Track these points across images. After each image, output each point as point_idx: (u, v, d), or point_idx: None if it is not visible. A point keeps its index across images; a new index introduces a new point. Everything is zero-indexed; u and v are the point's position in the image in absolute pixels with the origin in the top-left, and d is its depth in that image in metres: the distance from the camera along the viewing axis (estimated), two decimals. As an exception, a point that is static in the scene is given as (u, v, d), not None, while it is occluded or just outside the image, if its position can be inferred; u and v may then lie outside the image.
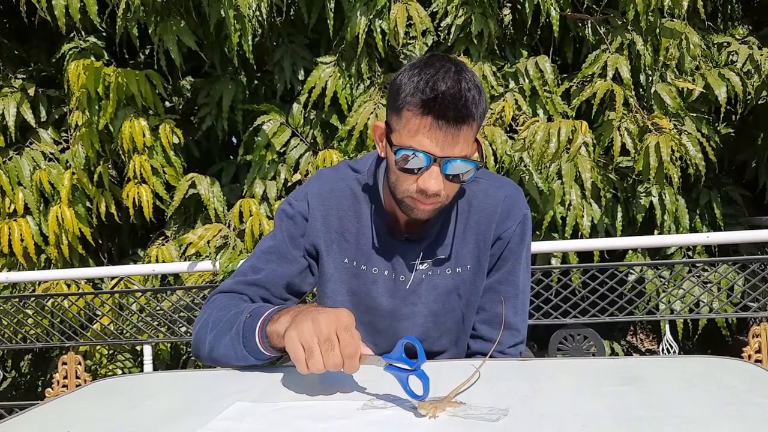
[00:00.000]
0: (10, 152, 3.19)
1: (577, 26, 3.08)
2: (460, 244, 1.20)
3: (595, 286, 2.47)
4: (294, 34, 3.23)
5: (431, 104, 0.99)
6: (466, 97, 1.00)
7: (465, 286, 1.21)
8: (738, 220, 3.17)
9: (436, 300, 1.21)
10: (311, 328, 0.85)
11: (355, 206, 1.22)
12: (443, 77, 1.00)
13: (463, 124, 1.01)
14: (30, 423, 0.83)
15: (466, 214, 1.20)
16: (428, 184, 1.03)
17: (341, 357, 0.84)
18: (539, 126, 2.62)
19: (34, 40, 3.56)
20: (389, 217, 1.21)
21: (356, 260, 1.21)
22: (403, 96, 1.03)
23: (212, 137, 3.40)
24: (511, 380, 0.90)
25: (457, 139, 1.01)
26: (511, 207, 1.20)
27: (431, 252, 1.20)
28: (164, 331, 2.69)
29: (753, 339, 2.41)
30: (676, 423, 0.69)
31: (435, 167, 1.02)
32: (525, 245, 1.22)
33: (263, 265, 1.19)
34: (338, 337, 0.85)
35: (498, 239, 1.20)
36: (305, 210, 1.22)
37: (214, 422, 0.76)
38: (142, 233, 3.49)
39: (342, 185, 1.23)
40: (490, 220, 1.19)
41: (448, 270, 1.20)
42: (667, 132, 2.70)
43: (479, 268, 1.20)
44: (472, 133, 1.04)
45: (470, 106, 1.00)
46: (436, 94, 0.99)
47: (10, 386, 3.74)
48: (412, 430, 0.70)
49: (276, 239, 1.22)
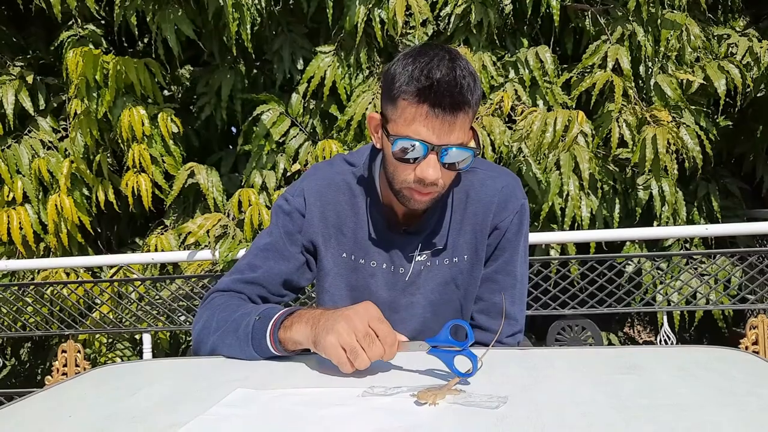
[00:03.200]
0: (9, 140, 3.18)
1: (577, 17, 3.07)
2: (458, 234, 1.20)
3: (594, 278, 2.47)
4: (293, 23, 3.21)
5: (427, 92, 0.99)
6: (461, 84, 1.00)
7: (462, 276, 1.21)
8: (736, 212, 3.17)
9: (434, 291, 1.21)
10: (347, 329, 0.87)
11: (352, 200, 1.21)
12: (438, 65, 1.00)
13: (459, 111, 1.00)
14: (30, 409, 0.83)
15: (463, 205, 1.20)
16: (426, 173, 1.03)
17: (383, 347, 0.87)
18: (536, 116, 2.62)
19: (33, 28, 3.54)
20: (386, 210, 1.21)
21: (354, 254, 1.21)
22: (398, 85, 1.02)
23: (211, 127, 3.39)
24: (510, 369, 0.90)
25: (454, 127, 1.01)
26: (509, 197, 1.20)
27: (429, 243, 1.20)
28: (163, 320, 2.69)
29: (750, 331, 2.42)
30: (675, 411, 0.69)
31: (432, 156, 1.02)
32: (522, 235, 1.22)
33: (260, 263, 1.19)
34: (374, 329, 0.88)
35: (495, 229, 1.20)
36: (302, 206, 1.21)
37: (215, 408, 0.77)
38: (141, 222, 3.49)
39: (338, 180, 1.22)
40: (487, 210, 1.19)
41: (446, 260, 1.21)
42: (664, 124, 2.70)
43: (476, 258, 1.21)
44: (468, 121, 1.03)
45: (466, 93, 1.00)
46: (432, 82, 0.99)
47: (10, 374, 3.75)
48: (412, 417, 0.71)
49: (273, 236, 1.21)
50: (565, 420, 0.68)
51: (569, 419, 0.68)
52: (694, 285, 2.68)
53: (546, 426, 0.67)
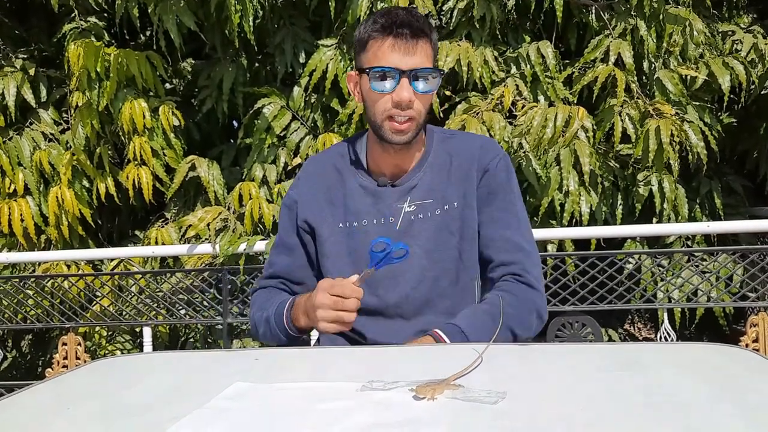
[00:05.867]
0: (10, 132, 3.18)
1: (581, 12, 3.05)
2: (446, 185, 1.28)
3: (594, 274, 2.47)
4: (295, 16, 3.20)
5: (389, 27, 1.18)
6: (418, 17, 1.21)
7: (455, 222, 1.26)
8: (738, 210, 3.16)
9: (429, 239, 1.26)
10: (322, 312, 1.12)
11: (340, 174, 1.32)
12: (395, 9, 1.23)
13: (420, 38, 1.18)
14: (30, 401, 0.83)
15: (447, 165, 1.29)
16: (401, 95, 1.17)
17: (352, 296, 1.10)
18: (536, 111, 2.61)
19: (34, 20, 3.54)
20: (374, 174, 1.31)
21: (348, 221, 1.29)
22: (364, 30, 1.22)
23: (212, 120, 3.38)
24: (510, 364, 0.90)
25: (416, 50, 1.18)
26: (489, 147, 1.31)
27: (417, 195, 1.28)
28: (164, 314, 2.70)
29: (751, 328, 2.42)
30: (674, 408, 0.69)
31: (404, 80, 1.17)
32: (513, 180, 1.31)
33: (275, 259, 1.37)
34: (334, 294, 1.11)
35: (485, 172, 1.27)
36: (296, 194, 1.35)
37: (213, 402, 0.76)
38: (142, 215, 3.49)
39: (327, 161, 1.36)
40: (471, 160, 1.28)
41: (437, 210, 1.27)
42: (668, 117, 2.68)
43: (466, 202, 1.26)
44: (428, 50, 1.20)
45: (423, 26, 1.20)
46: (392, 19, 1.19)
47: (11, 366, 3.76)
48: (411, 412, 0.71)
49: (281, 232, 1.37)
50: (565, 416, 0.68)
51: (568, 415, 0.68)
52: (695, 282, 2.67)
53: (545, 422, 0.66)
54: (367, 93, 1.23)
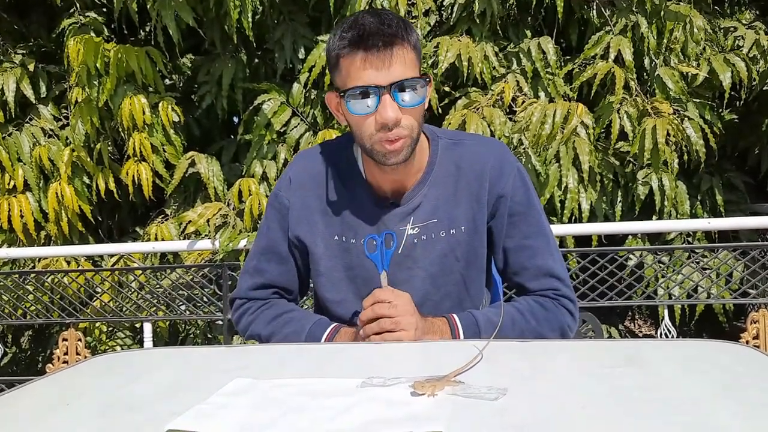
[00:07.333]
0: (10, 128, 3.17)
1: (582, 8, 3.04)
2: (452, 205, 1.19)
3: (595, 271, 2.47)
4: (295, 12, 3.19)
5: (357, 40, 1.04)
6: (388, 23, 1.05)
7: (461, 247, 1.19)
8: (739, 206, 3.16)
9: (432, 263, 1.19)
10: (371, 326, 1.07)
11: (336, 184, 1.22)
12: (362, 17, 1.07)
13: (394, 45, 1.04)
14: (30, 396, 0.83)
15: (455, 177, 1.19)
16: (386, 115, 1.04)
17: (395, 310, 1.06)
18: (536, 107, 2.61)
19: (34, 15, 3.53)
20: (373, 188, 1.21)
21: (345, 235, 1.21)
22: (333, 48, 1.08)
23: (212, 116, 3.38)
24: (510, 361, 0.90)
25: (392, 60, 1.04)
26: (502, 163, 1.19)
27: (421, 216, 1.19)
28: (164, 309, 2.70)
29: (751, 325, 2.42)
30: (676, 404, 0.69)
31: (386, 96, 1.04)
32: (532, 194, 1.21)
33: (265, 266, 1.25)
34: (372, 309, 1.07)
35: (500, 197, 1.18)
36: (287, 200, 1.24)
37: (214, 397, 0.76)
38: (142, 211, 3.49)
39: (320, 167, 1.24)
40: (481, 180, 1.18)
41: (442, 233, 1.19)
42: (665, 116, 2.68)
43: (475, 228, 1.19)
44: (407, 56, 1.06)
45: (395, 30, 1.05)
46: (359, 31, 1.04)
47: (11, 362, 3.77)
48: (411, 408, 0.71)
49: (269, 235, 1.25)
50: (565, 412, 0.68)
51: (569, 412, 0.68)
52: (696, 279, 2.67)
53: (545, 418, 0.66)
54: (350, 117, 1.10)
